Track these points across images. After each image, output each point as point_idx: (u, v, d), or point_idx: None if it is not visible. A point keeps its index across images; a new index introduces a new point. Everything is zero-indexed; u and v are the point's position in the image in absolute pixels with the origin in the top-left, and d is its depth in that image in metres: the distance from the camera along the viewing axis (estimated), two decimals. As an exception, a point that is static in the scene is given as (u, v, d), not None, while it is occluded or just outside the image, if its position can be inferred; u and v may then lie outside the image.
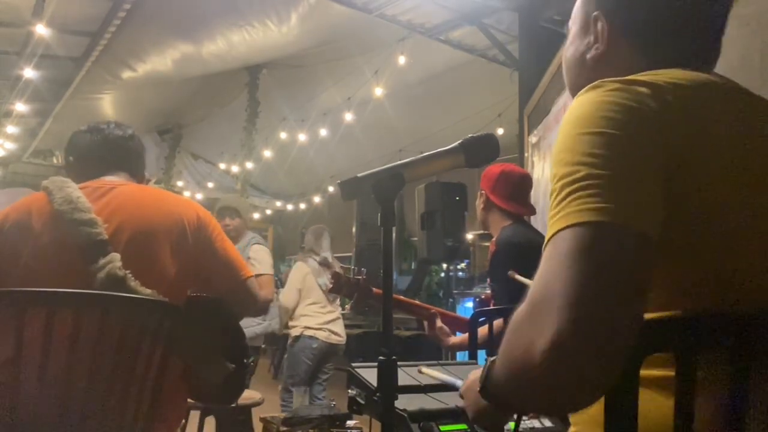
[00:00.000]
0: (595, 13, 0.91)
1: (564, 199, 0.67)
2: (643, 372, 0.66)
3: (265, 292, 2.44)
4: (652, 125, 0.70)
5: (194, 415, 2.72)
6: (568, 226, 0.65)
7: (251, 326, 3.71)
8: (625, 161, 0.67)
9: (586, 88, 0.77)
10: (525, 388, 0.67)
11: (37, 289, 1.31)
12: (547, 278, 0.64)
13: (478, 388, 0.80)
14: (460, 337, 2.23)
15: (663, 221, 0.67)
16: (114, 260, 1.40)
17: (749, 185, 0.73)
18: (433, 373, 1.46)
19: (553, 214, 0.68)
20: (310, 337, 4.03)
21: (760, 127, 0.79)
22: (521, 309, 0.66)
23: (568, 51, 0.98)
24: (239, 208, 3.73)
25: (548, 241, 0.67)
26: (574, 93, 0.96)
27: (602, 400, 0.65)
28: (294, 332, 4.06)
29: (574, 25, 0.98)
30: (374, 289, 2.13)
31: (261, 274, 3.24)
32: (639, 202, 0.66)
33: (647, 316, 0.72)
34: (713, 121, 0.75)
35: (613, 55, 0.89)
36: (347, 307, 5.88)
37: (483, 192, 2.34)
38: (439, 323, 2.24)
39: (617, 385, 0.64)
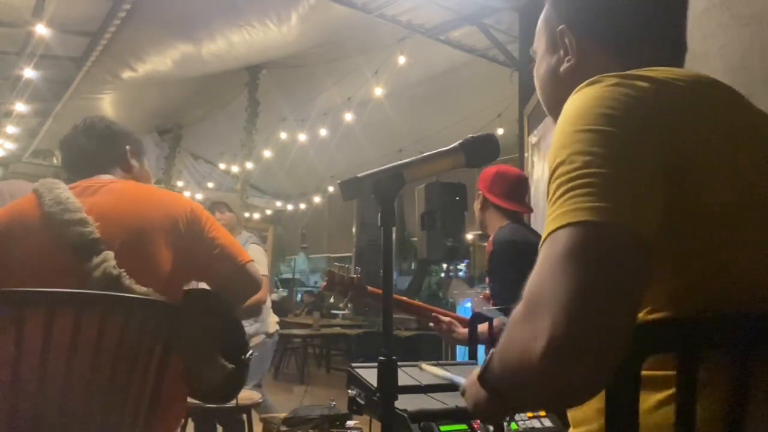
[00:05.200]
0: (561, 27, 0.91)
1: (560, 197, 0.66)
2: (644, 372, 0.66)
3: (259, 293, 2.43)
4: (652, 122, 0.69)
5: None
6: (563, 226, 0.64)
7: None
8: (623, 159, 0.66)
9: (584, 83, 0.75)
10: (522, 387, 0.67)
11: (37, 290, 1.30)
12: (542, 280, 0.64)
13: (477, 378, 0.81)
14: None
15: (663, 220, 0.66)
16: (108, 259, 1.40)
17: (748, 182, 0.72)
18: (434, 370, 1.46)
19: (549, 213, 0.67)
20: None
21: (751, 122, 0.78)
22: (518, 309, 0.67)
23: (540, 68, 0.97)
24: (228, 202, 3.78)
25: (544, 240, 0.66)
26: (551, 110, 0.95)
27: (603, 400, 0.65)
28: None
29: (539, 44, 0.98)
30: (369, 288, 2.12)
31: None
32: (636, 201, 0.65)
33: (649, 317, 0.71)
34: (710, 116, 0.74)
35: (586, 65, 0.87)
36: (342, 306, 5.90)
37: (480, 192, 2.35)
38: (447, 318, 2.24)
39: (618, 387, 0.64)
